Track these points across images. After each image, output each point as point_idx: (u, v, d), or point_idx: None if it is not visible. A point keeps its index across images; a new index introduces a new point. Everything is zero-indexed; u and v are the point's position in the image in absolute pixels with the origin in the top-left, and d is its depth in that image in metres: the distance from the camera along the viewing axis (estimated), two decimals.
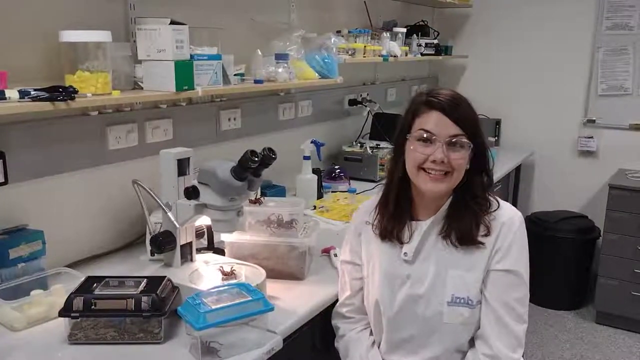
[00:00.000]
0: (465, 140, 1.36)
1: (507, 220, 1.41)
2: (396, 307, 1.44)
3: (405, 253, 1.45)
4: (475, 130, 1.38)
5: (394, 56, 3.08)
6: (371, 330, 1.54)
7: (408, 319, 1.43)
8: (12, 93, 1.36)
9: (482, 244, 1.39)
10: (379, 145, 3.07)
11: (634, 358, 3.17)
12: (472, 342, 1.43)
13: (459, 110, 1.36)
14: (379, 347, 1.53)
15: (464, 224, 1.40)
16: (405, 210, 1.47)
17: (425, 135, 1.37)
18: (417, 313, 1.42)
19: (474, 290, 1.39)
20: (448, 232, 1.41)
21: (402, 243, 1.45)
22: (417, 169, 1.39)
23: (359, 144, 3.09)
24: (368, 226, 1.53)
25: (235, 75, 2.05)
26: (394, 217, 1.47)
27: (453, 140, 1.35)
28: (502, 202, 1.47)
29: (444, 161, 1.35)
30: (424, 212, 1.46)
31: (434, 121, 1.36)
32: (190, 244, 1.62)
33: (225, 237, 1.71)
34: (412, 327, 1.43)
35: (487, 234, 1.40)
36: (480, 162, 1.42)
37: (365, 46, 2.81)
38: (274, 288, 1.58)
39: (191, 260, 1.62)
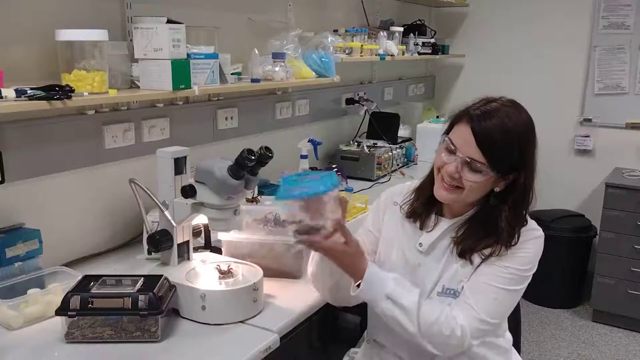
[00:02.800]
0: (486, 169, 1.32)
1: (526, 232, 1.40)
2: None
3: (420, 243, 1.46)
4: (508, 160, 1.33)
5: (391, 55, 3.09)
6: None
7: None
8: (8, 92, 1.36)
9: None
10: (376, 144, 3.07)
11: (630, 356, 3.18)
12: None
13: (491, 139, 1.31)
14: (368, 339, 1.54)
15: (473, 243, 1.39)
16: (437, 201, 1.46)
17: (449, 147, 1.36)
18: None
19: (463, 284, 1.40)
20: (457, 242, 1.41)
21: (422, 229, 1.46)
22: (437, 170, 1.40)
23: (356, 143, 3.09)
24: (395, 207, 1.53)
25: (232, 74, 2.06)
26: (427, 203, 1.47)
27: (470, 163, 1.32)
28: (529, 220, 1.45)
29: (455, 177, 1.34)
30: (448, 211, 1.47)
31: (462, 137, 1.34)
32: (187, 242, 1.62)
33: (222, 236, 1.71)
34: None
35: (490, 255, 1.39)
36: (511, 196, 1.37)
37: (362, 45, 2.81)
38: (270, 287, 1.58)
39: (188, 259, 1.62)
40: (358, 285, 1.34)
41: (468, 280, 1.39)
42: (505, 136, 1.32)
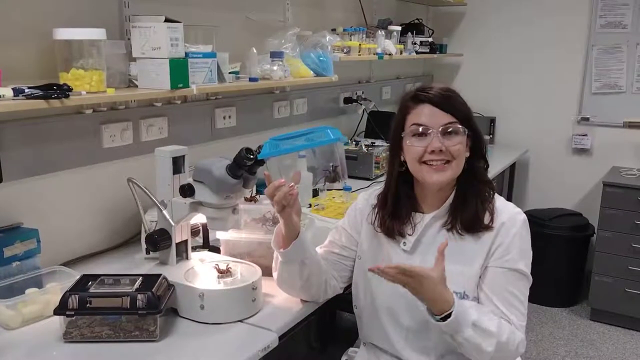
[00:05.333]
0: (459, 126, 1.39)
1: (509, 218, 1.43)
2: (391, 295, 1.46)
3: (404, 243, 1.47)
4: (468, 116, 1.42)
5: (389, 54, 3.09)
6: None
7: (404, 307, 1.45)
8: (6, 91, 1.36)
9: (490, 227, 1.41)
10: (374, 143, 3.07)
11: (627, 354, 3.19)
12: None
13: (448, 99, 1.39)
14: (364, 342, 1.54)
15: (469, 211, 1.42)
16: (405, 206, 1.48)
17: (419, 129, 1.39)
18: (412, 303, 1.43)
19: (470, 286, 1.40)
20: (453, 223, 1.43)
21: (404, 237, 1.47)
22: (419, 163, 1.41)
23: (354, 142, 3.09)
24: (374, 210, 1.54)
25: (230, 73, 2.05)
26: (394, 215, 1.48)
27: (447, 129, 1.38)
28: (506, 202, 1.49)
29: (442, 150, 1.37)
30: (427, 205, 1.48)
31: (425, 114, 1.39)
32: (185, 242, 1.61)
33: (220, 235, 1.71)
34: (408, 315, 1.44)
35: (491, 221, 1.41)
36: (478, 148, 1.45)
37: (360, 44, 2.81)
38: (269, 286, 1.57)
39: (186, 258, 1.62)
40: (442, 317, 1.28)
41: (489, 289, 1.39)
42: (453, 94, 1.42)
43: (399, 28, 3.33)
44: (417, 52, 3.53)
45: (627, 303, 3.40)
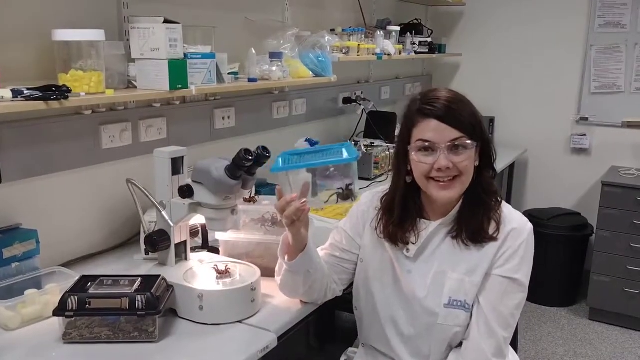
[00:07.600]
0: (468, 141, 1.34)
1: (516, 227, 1.41)
2: (392, 300, 1.46)
3: (407, 249, 1.46)
4: (476, 127, 1.37)
5: (388, 54, 3.09)
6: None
7: (405, 314, 1.44)
8: (5, 92, 1.36)
9: (495, 239, 1.39)
10: (373, 143, 3.07)
11: (626, 354, 3.19)
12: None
13: (455, 113, 1.34)
14: (363, 343, 1.54)
15: (475, 221, 1.40)
16: (412, 214, 1.47)
17: (425, 145, 1.36)
18: (413, 310, 1.43)
19: (472, 294, 1.39)
20: (459, 232, 1.42)
21: (407, 244, 1.46)
22: (426, 178, 1.38)
23: (353, 142, 3.09)
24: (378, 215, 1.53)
25: (229, 73, 2.05)
26: (400, 223, 1.46)
27: (454, 144, 1.34)
28: (514, 210, 1.47)
29: (449, 167, 1.34)
30: (433, 213, 1.47)
31: (431, 129, 1.35)
32: (184, 242, 1.62)
33: (219, 236, 1.71)
34: (409, 322, 1.44)
35: (497, 230, 1.40)
36: (487, 157, 1.43)
37: (359, 44, 2.81)
38: (268, 286, 1.58)
39: (185, 259, 1.62)
40: None
41: (483, 297, 1.39)
42: (460, 106, 1.36)
43: (398, 28, 3.33)
44: (416, 52, 3.53)
45: (625, 303, 3.40)
